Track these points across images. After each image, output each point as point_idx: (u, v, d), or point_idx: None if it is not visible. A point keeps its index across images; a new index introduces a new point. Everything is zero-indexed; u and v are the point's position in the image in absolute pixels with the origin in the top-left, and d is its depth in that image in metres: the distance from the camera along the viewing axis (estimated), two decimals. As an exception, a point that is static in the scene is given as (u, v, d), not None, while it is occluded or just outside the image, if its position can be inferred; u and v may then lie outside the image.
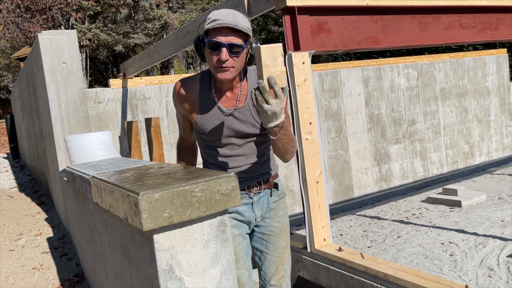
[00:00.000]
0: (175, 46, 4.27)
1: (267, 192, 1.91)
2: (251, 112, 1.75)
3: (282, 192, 1.97)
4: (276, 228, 1.92)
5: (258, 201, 1.89)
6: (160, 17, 14.25)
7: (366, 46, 3.11)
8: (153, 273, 1.09)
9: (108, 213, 1.61)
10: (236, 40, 1.59)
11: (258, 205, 1.89)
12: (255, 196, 1.87)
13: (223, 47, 1.57)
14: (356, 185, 7.09)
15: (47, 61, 3.68)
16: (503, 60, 8.93)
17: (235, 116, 1.75)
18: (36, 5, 12.81)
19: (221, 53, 1.58)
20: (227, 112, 1.74)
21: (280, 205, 1.95)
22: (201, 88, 1.76)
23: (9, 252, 3.58)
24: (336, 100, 6.92)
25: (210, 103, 1.75)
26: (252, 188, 1.85)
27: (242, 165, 1.82)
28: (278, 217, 1.93)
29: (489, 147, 8.69)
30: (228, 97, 1.75)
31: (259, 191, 1.88)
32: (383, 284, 2.38)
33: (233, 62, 1.61)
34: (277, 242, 1.92)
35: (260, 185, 1.87)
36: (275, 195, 1.94)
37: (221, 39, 1.57)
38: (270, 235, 1.92)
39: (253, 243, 1.96)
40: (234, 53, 1.59)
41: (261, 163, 1.87)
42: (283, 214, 1.95)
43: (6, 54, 23.70)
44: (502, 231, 4.66)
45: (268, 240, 1.92)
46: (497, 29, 3.78)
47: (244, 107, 1.74)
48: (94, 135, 2.86)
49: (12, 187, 6.78)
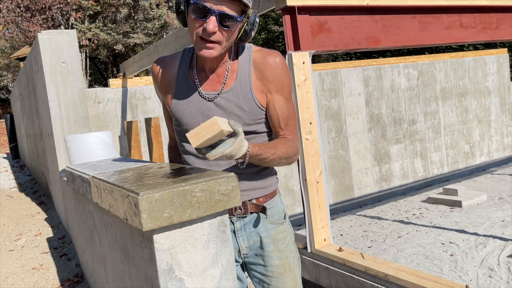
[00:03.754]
0: (175, 46, 4.27)
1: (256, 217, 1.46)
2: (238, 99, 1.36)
3: (279, 218, 1.49)
4: (278, 267, 1.48)
5: (242, 228, 1.44)
6: (160, 16, 14.25)
7: (367, 46, 3.11)
8: (153, 273, 1.09)
9: (108, 213, 1.60)
10: (230, 9, 1.23)
11: (243, 234, 1.45)
12: (238, 221, 1.44)
13: (212, 14, 1.22)
14: (356, 185, 7.09)
15: (46, 61, 3.67)
16: (503, 60, 8.93)
17: (217, 104, 1.36)
18: (36, 5, 12.81)
19: (208, 22, 1.22)
20: (207, 96, 1.36)
21: (278, 235, 1.48)
22: (180, 66, 1.41)
23: (8, 252, 3.57)
24: (336, 100, 6.92)
25: (188, 85, 1.39)
26: (235, 210, 1.41)
27: None
28: (279, 252, 1.48)
29: (490, 147, 8.68)
30: (213, 79, 1.37)
31: (244, 215, 1.43)
32: (383, 284, 2.38)
33: (221, 36, 1.25)
34: (281, 284, 1.48)
35: (246, 207, 1.42)
36: (268, 222, 1.46)
37: (210, 4, 1.21)
38: (271, 276, 1.48)
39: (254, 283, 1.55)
40: (224, 26, 1.24)
41: (252, 174, 1.42)
42: (284, 246, 1.49)
43: (6, 54, 23.71)
44: (503, 231, 4.65)
45: (270, 282, 1.49)
46: (498, 29, 3.77)
47: (230, 92, 1.35)
48: (93, 135, 2.86)
49: (12, 187, 6.78)
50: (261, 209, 1.43)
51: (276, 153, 1.34)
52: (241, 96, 1.35)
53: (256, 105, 1.37)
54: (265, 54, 1.37)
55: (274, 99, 1.38)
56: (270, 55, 1.37)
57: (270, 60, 1.36)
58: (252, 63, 1.37)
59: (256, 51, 1.39)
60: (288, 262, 1.49)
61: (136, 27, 15.10)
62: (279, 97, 1.38)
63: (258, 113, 1.38)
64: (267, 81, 1.36)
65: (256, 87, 1.36)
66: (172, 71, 1.41)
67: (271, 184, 1.48)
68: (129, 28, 15.16)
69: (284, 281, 1.48)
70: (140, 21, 15.02)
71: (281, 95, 1.38)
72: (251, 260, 1.50)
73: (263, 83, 1.36)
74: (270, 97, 1.38)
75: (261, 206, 1.43)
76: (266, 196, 1.46)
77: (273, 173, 1.50)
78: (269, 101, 1.38)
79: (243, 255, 1.49)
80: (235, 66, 1.37)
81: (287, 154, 1.38)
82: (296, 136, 1.46)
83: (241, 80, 1.36)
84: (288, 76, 1.39)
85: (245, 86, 1.36)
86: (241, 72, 1.36)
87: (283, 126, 1.41)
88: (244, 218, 1.43)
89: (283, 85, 1.38)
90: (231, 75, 1.36)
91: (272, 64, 1.36)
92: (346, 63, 7.09)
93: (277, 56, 1.37)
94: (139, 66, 5.38)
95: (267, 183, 1.46)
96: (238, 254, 1.48)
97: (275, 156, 1.34)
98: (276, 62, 1.36)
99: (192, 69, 1.39)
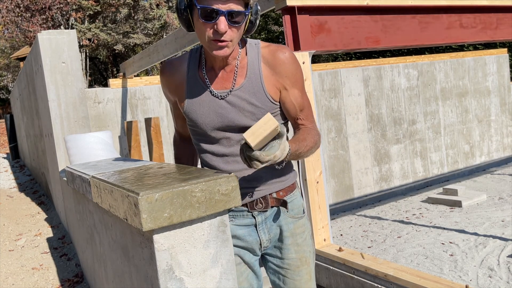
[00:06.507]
0: (175, 46, 4.27)
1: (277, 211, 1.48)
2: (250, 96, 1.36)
3: (298, 212, 1.51)
4: (295, 260, 1.50)
5: (264, 222, 1.46)
6: (159, 17, 14.24)
7: (366, 46, 3.11)
8: (153, 273, 1.09)
9: (107, 213, 1.60)
10: (237, 5, 1.23)
11: (265, 227, 1.47)
12: (259, 215, 1.45)
13: (221, 15, 1.21)
14: (356, 185, 7.09)
15: (46, 61, 3.67)
16: (503, 60, 8.93)
17: (229, 101, 1.36)
18: (36, 5, 12.81)
19: (218, 23, 1.22)
20: (218, 95, 1.37)
21: (297, 229, 1.50)
22: (189, 68, 1.41)
23: (8, 252, 3.57)
24: (336, 100, 6.92)
25: (199, 85, 1.39)
26: (256, 204, 1.43)
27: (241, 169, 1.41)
28: (297, 246, 1.50)
29: (490, 147, 8.68)
30: (222, 77, 1.37)
31: (265, 209, 1.44)
32: (383, 284, 2.38)
33: (231, 34, 1.25)
34: (297, 277, 1.51)
35: (266, 201, 1.44)
36: (288, 216, 1.48)
37: (218, 6, 1.21)
38: (288, 269, 1.51)
39: (269, 274, 1.57)
40: (234, 23, 1.24)
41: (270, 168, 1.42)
42: (302, 240, 1.51)
43: (6, 54, 23.70)
44: (503, 231, 4.65)
45: (286, 274, 1.51)
46: (498, 29, 3.77)
47: (241, 89, 1.36)
48: (93, 135, 2.86)
49: (12, 187, 6.78)
50: (281, 203, 1.44)
51: (307, 144, 1.35)
52: (252, 92, 1.36)
53: (268, 100, 1.37)
54: (274, 50, 1.38)
55: (290, 93, 1.39)
56: (279, 50, 1.38)
57: (280, 55, 1.37)
58: (262, 59, 1.38)
59: (264, 47, 1.40)
60: (305, 256, 1.52)
61: (136, 27, 15.09)
62: (294, 90, 1.40)
63: (271, 107, 1.39)
64: (280, 76, 1.37)
65: (267, 82, 1.37)
66: (181, 73, 1.42)
67: (290, 177, 1.49)
68: (129, 28, 15.16)
69: (300, 274, 1.51)
70: (140, 21, 15.02)
71: (296, 88, 1.40)
72: (268, 252, 1.52)
73: (276, 78, 1.37)
74: (286, 92, 1.39)
75: (281, 200, 1.44)
76: (286, 190, 1.47)
77: (290, 166, 1.51)
78: (285, 96, 1.39)
79: (264, 248, 1.50)
80: (244, 62, 1.37)
81: (315, 142, 1.40)
82: (314, 123, 1.48)
83: (251, 77, 1.36)
84: (299, 68, 1.41)
85: (256, 82, 1.36)
86: (251, 68, 1.37)
87: (303, 117, 1.43)
88: (265, 212, 1.45)
89: (296, 79, 1.39)
90: (240, 72, 1.37)
91: (283, 59, 1.37)
92: (346, 63, 7.09)
93: (286, 50, 1.38)
94: (139, 66, 5.38)
95: (286, 176, 1.48)
96: (259, 248, 1.49)
97: (307, 147, 1.35)
98: (287, 57, 1.37)
99: (201, 69, 1.40)
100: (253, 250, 1.48)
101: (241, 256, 1.47)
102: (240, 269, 1.46)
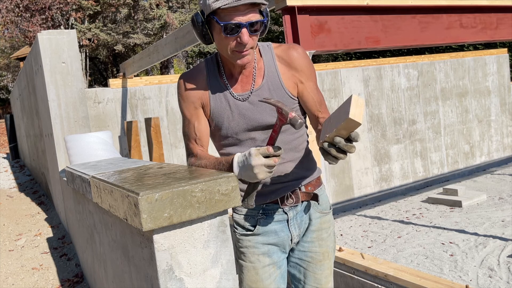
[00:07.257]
0: (175, 46, 4.27)
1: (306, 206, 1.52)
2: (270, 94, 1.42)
3: (326, 207, 1.56)
4: (318, 254, 1.53)
5: (295, 217, 1.50)
6: (160, 17, 14.23)
7: (366, 46, 3.11)
8: (153, 273, 1.09)
9: (107, 213, 1.60)
10: (255, 15, 1.28)
11: (295, 223, 1.50)
12: (290, 210, 1.49)
13: (244, 27, 1.27)
14: (356, 185, 7.09)
15: (46, 61, 3.67)
16: (503, 60, 8.93)
17: (251, 102, 1.42)
18: (36, 5, 12.80)
19: (241, 35, 1.27)
20: (241, 98, 1.42)
21: (323, 224, 1.54)
22: (209, 76, 1.45)
23: (8, 252, 3.57)
24: (337, 100, 6.92)
25: (222, 91, 1.44)
26: (287, 199, 1.47)
27: None
28: (321, 241, 1.54)
29: (490, 147, 8.68)
30: (242, 80, 1.44)
31: (296, 203, 1.48)
32: (383, 285, 2.38)
33: (252, 42, 1.31)
34: (318, 271, 1.53)
35: (297, 196, 1.48)
36: (317, 211, 1.53)
37: (239, 19, 1.25)
38: (310, 262, 1.53)
39: (289, 268, 1.58)
40: (254, 32, 1.30)
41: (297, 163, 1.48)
42: (327, 236, 1.55)
43: (6, 54, 23.70)
44: (503, 231, 4.65)
45: (308, 268, 1.54)
46: (498, 29, 3.77)
47: (261, 89, 1.42)
48: (93, 135, 2.86)
49: (12, 187, 6.78)
50: (312, 196, 1.49)
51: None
52: (272, 90, 1.43)
53: (288, 96, 1.44)
54: (286, 48, 1.47)
55: (307, 87, 1.47)
56: (292, 48, 1.47)
57: (293, 52, 1.46)
58: (276, 58, 1.46)
59: (276, 47, 1.48)
60: (328, 251, 1.55)
61: (136, 27, 15.09)
62: (310, 83, 1.47)
63: (290, 103, 1.45)
64: (296, 70, 1.45)
65: (285, 78, 1.44)
66: (202, 82, 1.46)
67: (315, 170, 1.55)
68: (129, 28, 15.15)
69: (321, 268, 1.54)
70: (140, 21, 15.01)
71: (311, 81, 1.48)
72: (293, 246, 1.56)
73: (292, 73, 1.45)
74: (303, 86, 1.46)
75: (311, 194, 1.49)
76: (314, 184, 1.52)
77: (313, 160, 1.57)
78: (302, 89, 1.46)
79: (293, 244, 1.54)
80: (261, 64, 1.45)
81: None
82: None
83: (269, 76, 1.44)
84: (311, 63, 1.49)
85: (274, 80, 1.44)
86: (268, 68, 1.44)
87: (321, 109, 1.48)
88: (296, 207, 1.49)
89: (310, 72, 1.47)
90: (259, 73, 1.44)
91: (296, 55, 1.45)
92: (346, 63, 7.09)
93: (298, 47, 1.48)
94: (139, 66, 5.37)
95: (310, 168, 1.53)
96: (289, 244, 1.52)
97: None
98: (300, 52, 1.46)
99: (222, 76, 1.45)
100: (283, 246, 1.51)
101: (270, 256, 1.49)
102: (268, 270, 1.48)
